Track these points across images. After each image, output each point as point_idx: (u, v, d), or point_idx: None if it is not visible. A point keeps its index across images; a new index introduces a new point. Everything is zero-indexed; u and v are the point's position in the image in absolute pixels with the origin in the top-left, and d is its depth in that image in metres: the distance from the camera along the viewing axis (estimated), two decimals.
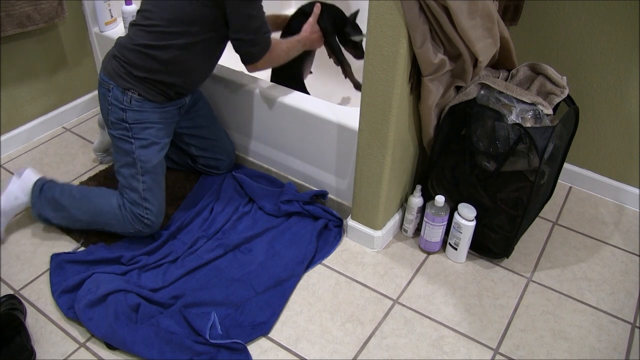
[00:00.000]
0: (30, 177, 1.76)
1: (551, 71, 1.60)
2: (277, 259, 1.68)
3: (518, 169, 1.54)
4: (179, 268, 1.64)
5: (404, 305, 1.59)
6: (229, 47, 1.68)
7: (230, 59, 1.76)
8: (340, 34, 1.96)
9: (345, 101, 2.31)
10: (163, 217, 1.71)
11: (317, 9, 1.89)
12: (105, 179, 1.99)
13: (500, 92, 1.54)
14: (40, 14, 1.98)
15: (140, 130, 1.65)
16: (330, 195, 1.85)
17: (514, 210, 1.58)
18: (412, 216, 1.76)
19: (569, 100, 1.61)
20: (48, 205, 1.72)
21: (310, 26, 1.86)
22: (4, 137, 2.12)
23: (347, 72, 2.05)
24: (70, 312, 1.51)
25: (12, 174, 2.03)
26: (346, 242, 1.79)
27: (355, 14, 1.97)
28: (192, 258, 1.68)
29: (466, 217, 1.62)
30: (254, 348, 1.46)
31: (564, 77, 1.60)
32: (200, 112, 1.90)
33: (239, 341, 1.43)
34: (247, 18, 1.57)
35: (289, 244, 1.72)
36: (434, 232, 1.69)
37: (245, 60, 1.68)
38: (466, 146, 1.59)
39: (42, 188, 1.73)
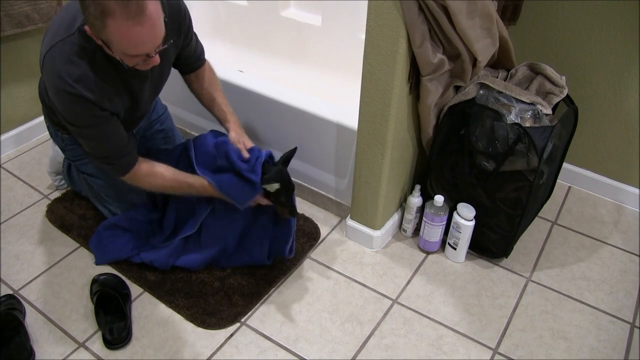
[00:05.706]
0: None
1: (550, 71, 1.59)
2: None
3: (517, 168, 1.54)
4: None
5: (403, 305, 1.59)
6: (230, 47, 1.68)
7: (229, 60, 1.75)
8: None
9: (344, 100, 2.31)
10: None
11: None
12: None
13: (500, 92, 1.54)
14: (39, 13, 1.98)
15: (84, 165, 1.66)
16: (329, 195, 1.85)
17: (513, 210, 1.58)
18: (411, 216, 1.76)
19: (568, 100, 1.61)
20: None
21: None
22: (3, 137, 2.12)
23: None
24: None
25: (12, 174, 2.03)
26: (345, 242, 1.79)
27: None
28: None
29: (465, 216, 1.62)
30: (252, 348, 1.46)
31: (563, 77, 1.60)
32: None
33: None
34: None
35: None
36: (433, 231, 1.69)
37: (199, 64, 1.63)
38: (465, 146, 1.59)
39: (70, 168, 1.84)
